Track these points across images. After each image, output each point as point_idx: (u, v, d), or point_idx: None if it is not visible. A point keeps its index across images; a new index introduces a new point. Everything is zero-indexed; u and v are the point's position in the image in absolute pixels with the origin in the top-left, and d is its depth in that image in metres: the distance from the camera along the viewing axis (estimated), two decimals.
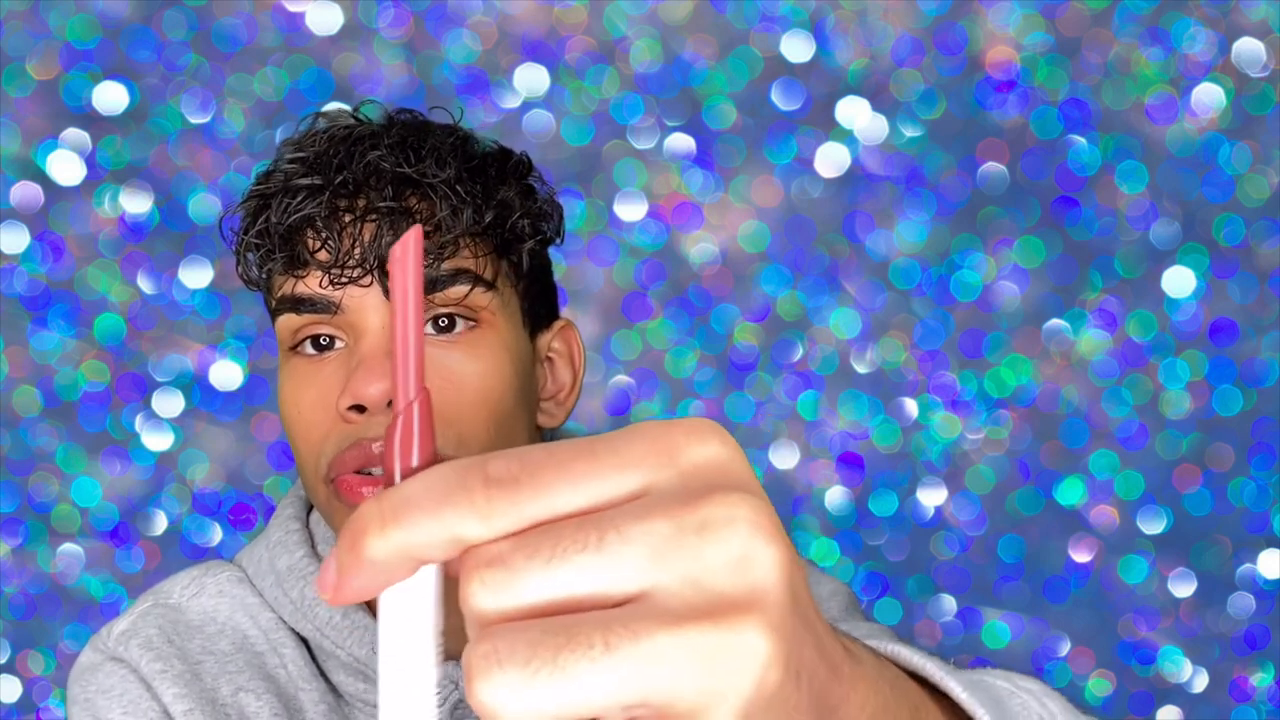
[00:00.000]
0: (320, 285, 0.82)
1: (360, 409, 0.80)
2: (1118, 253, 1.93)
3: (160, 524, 1.93)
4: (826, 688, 0.38)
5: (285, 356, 0.85)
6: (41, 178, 1.91)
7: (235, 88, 1.91)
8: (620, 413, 1.93)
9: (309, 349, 0.84)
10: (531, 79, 1.92)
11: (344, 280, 0.81)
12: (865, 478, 1.94)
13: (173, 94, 1.90)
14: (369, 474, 0.81)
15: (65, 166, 1.91)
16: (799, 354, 1.94)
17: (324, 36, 1.91)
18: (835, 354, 1.94)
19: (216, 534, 1.93)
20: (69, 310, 1.91)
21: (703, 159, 1.93)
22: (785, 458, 1.94)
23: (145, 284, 1.92)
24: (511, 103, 1.91)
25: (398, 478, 0.40)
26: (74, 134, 1.90)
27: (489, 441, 0.82)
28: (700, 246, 1.93)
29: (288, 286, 0.84)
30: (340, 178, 0.82)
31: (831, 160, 1.93)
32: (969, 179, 1.93)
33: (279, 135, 1.91)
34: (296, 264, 0.82)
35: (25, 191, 1.91)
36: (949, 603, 1.95)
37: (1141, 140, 1.92)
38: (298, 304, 0.83)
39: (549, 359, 0.91)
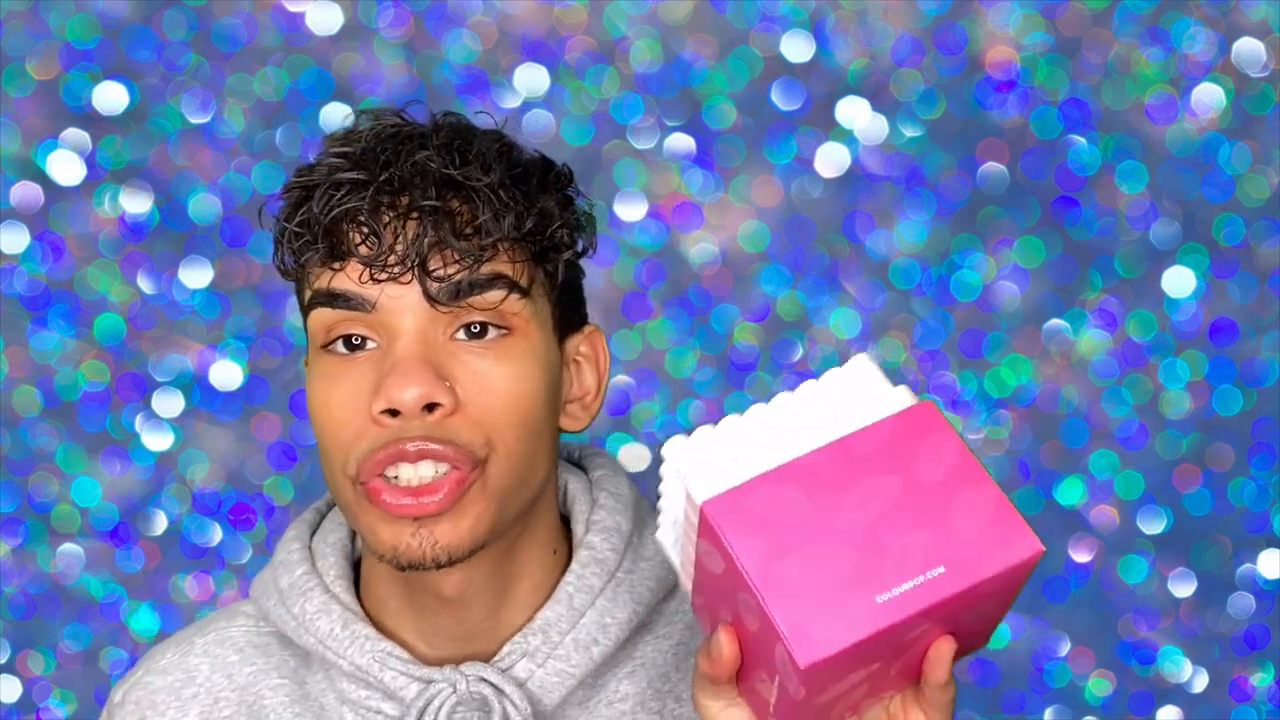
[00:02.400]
0: (360, 280, 0.83)
1: (394, 413, 0.82)
2: (1118, 253, 1.93)
3: (160, 524, 1.93)
4: None
5: (316, 354, 0.86)
6: (41, 178, 1.91)
7: (235, 88, 1.91)
8: (620, 413, 1.93)
9: (341, 348, 0.85)
10: (531, 79, 1.92)
11: (383, 276, 0.82)
12: None
13: (173, 94, 1.90)
14: (395, 480, 0.83)
15: (65, 166, 1.91)
16: (799, 354, 1.94)
17: (324, 36, 1.91)
18: (835, 354, 1.94)
19: (216, 534, 1.93)
20: (69, 310, 1.91)
21: (703, 159, 1.93)
22: None
23: (145, 284, 1.92)
24: (511, 103, 1.92)
25: None
26: (74, 134, 1.90)
27: (517, 444, 0.85)
28: (700, 246, 1.93)
29: (324, 280, 0.84)
30: (385, 175, 0.83)
31: (831, 160, 1.93)
32: (969, 179, 1.93)
33: (279, 135, 1.91)
34: (336, 256, 0.83)
35: (25, 191, 1.91)
36: None
37: (1141, 140, 1.92)
38: (333, 298, 0.84)
39: (575, 362, 0.92)
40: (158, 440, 1.93)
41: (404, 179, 0.83)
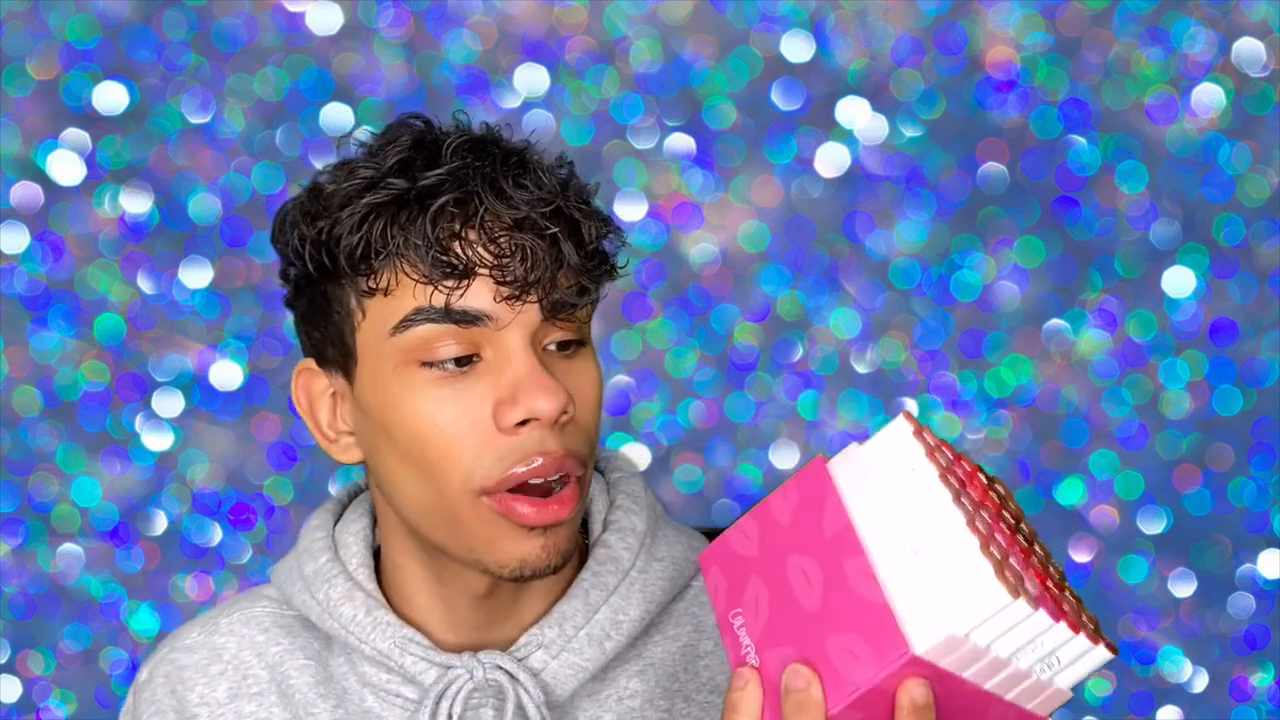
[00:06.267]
0: (493, 302, 0.85)
1: (524, 422, 0.85)
2: (1118, 253, 1.93)
3: (160, 524, 1.93)
4: None
5: (407, 368, 0.87)
6: (41, 178, 1.91)
7: (235, 88, 1.91)
8: (620, 413, 1.93)
9: (450, 365, 0.86)
10: (531, 79, 1.92)
11: (506, 294, 0.84)
12: None
13: (173, 94, 1.91)
14: (526, 494, 0.86)
15: (65, 166, 1.91)
16: (799, 354, 1.94)
17: (324, 36, 1.91)
18: (835, 354, 1.94)
19: (216, 534, 1.93)
20: (69, 310, 1.91)
21: (703, 159, 1.93)
22: (785, 458, 1.94)
23: (145, 284, 1.92)
24: (511, 103, 1.92)
25: None
26: (74, 134, 1.90)
27: (597, 445, 0.91)
28: (700, 246, 1.93)
29: (436, 297, 0.85)
30: (501, 196, 0.85)
31: (831, 160, 1.93)
32: (969, 179, 1.93)
33: (279, 135, 1.91)
34: (463, 275, 0.85)
35: (25, 191, 1.91)
36: None
37: (1141, 140, 1.92)
38: (452, 315, 0.85)
39: None
40: (158, 440, 1.93)
41: (526, 203, 0.85)
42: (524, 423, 0.85)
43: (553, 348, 0.87)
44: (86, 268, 1.91)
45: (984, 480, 0.78)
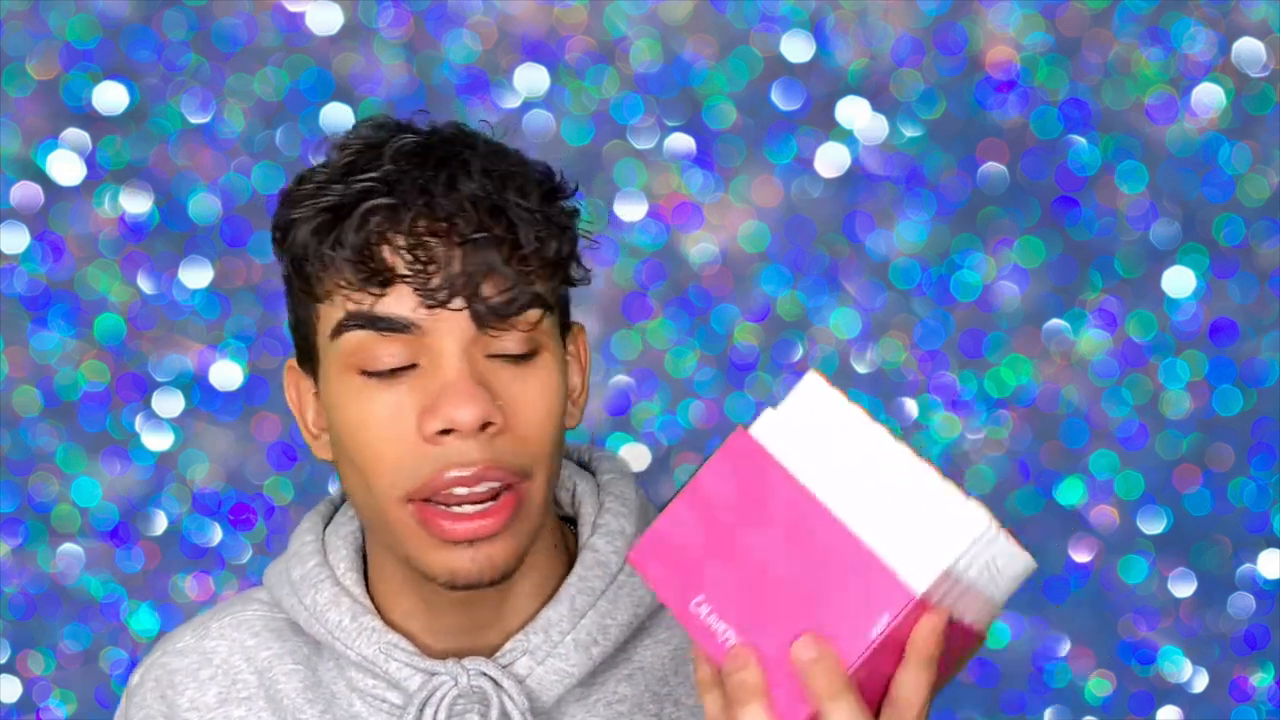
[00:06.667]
0: (415, 308, 0.83)
1: (446, 432, 0.83)
2: (1118, 253, 1.93)
3: (160, 524, 1.93)
4: None
5: (345, 374, 0.86)
6: (41, 178, 1.91)
7: (235, 88, 1.91)
8: (620, 413, 1.93)
9: (381, 370, 0.85)
10: (531, 79, 1.92)
11: (432, 303, 0.83)
12: None
13: (173, 94, 1.91)
14: (449, 505, 0.84)
15: (65, 166, 1.91)
16: (799, 354, 1.94)
17: (324, 36, 1.91)
18: (835, 354, 1.94)
19: (216, 534, 1.93)
20: (69, 310, 1.91)
21: (703, 159, 1.93)
22: None
23: (145, 284, 1.92)
24: (511, 103, 1.92)
25: None
26: (74, 134, 1.90)
27: (552, 458, 0.87)
28: (700, 246, 1.93)
29: (364, 303, 0.84)
30: (425, 199, 0.83)
31: (831, 160, 1.93)
32: (969, 179, 1.93)
33: (279, 135, 1.91)
34: (383, 282, 0.83)
35: (25, 191, 1.91)
36: None
37: (1141, 140, 1.92)
38: (375, 322, 0.84)
39: (566, 362, 0.93)
40: (158, 440, 1.93)
41: (453, 206, 0.83)
42: (448, 431, 0.83)
43: (500, 356, 0.85)
44: (86, 268, 1.91)
45: None
